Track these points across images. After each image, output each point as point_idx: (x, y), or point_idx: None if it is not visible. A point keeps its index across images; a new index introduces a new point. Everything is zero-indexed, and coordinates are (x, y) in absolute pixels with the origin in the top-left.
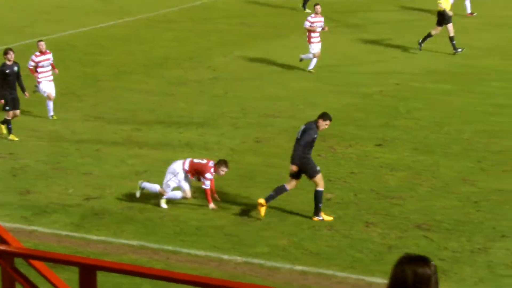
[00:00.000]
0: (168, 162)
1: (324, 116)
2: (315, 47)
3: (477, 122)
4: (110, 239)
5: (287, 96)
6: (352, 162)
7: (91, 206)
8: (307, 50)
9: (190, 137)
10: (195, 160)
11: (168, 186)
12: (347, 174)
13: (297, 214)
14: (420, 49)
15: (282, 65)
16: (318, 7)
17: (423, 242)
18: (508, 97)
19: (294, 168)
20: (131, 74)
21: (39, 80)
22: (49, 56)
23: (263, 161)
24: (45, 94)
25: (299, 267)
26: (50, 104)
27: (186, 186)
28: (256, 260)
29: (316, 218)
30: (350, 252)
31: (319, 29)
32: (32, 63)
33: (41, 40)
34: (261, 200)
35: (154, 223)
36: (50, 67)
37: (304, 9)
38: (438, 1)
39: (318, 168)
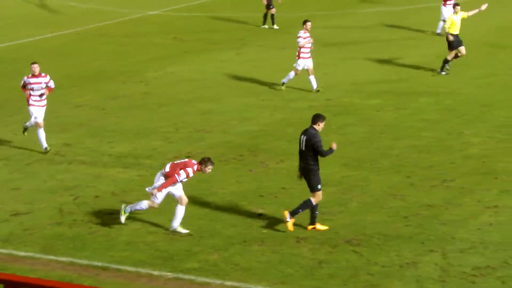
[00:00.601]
0: (98, 177)
1: (319, 118)
2: (302, 62)
3: (407, 137)
4: (38, 255)
5: (219, 111)
6: (283, 177)
7: (19, 222)
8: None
9: (121, 152)
10: (176, 161)
11: (156, 197)
12: (279, 190)
13: (228, 229)
14: (443, 71)
15: (215, 80)
16: (309, 24)
17: (353, 257)
18: (437, 113)
19: (335, 146)
20: (65, 88)
21: (30, 103)
22: (43, 79)
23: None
24: (32, 120)
25: (229, 283)
26: (41, 134)
27: (176, 192)
28: (186, 276)
29: (310, 228)
30: (281, 268)
31: (309, 45)
32: (22, 83)
33: (34, 63)
34: (287, 214)
35: (83, 238)
36: (43, 91)
37: (264, 23)
38: (446, 26)
39: (320, 186)
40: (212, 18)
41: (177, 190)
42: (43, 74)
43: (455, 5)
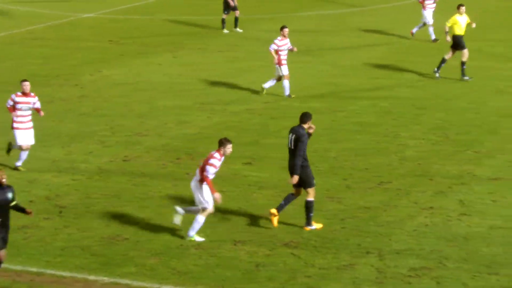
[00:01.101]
0: (33, 181)
1: (307, 116)
2: (285, 69)
3: (344, 140)
4: None
5: (156, 114)
6: (221, 180)
7: None
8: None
9: (56, 156)
10: (200, 163)
11: (206, 201)
12: None
13: (166, 233)
14: (466, 77)
15: (151, 83)
16: (286, 30)
17: (291, 260)
18: (373, 115)
19: (296, 179)
20: None
21: (14, 126)
22: (32, 99)
23: (131, 180)
24: (17, 144)
25: (166, 287)
26: (24, 154)
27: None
28: (123, 280)
29: (307, 228)
30: (218, 271)
31: (285, 52)
32: (11, 102)
33: (25, 80)
34: (273, 210)
35: (18, 244)
36: (30, 112)
37: (236, 26)
38: (447, 24)
39: (314, 181)
40: (148, 21)
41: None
42: (32, 94)
43: (459, 5)
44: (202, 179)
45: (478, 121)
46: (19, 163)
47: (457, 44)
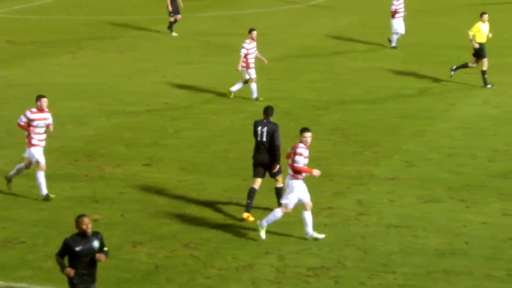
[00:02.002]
0: None
1: (271, 109)
2: (252, 72)
3: (244, 141)
4: None
5: (54, 115)
6: (120, 182)
7: None
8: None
9: None
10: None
11: (287, 198)
12: (115, 195)
13: (63, 235)
14: (489, 85)
15: (50, 84)
16: (254, 33)
17: (190, 261)
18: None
19: (277, 167)
20: None
21: (33, 143)
22: (48, 115)
23: (28, 182)
24: (33, 161)
25: None
26: (42, 178)
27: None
28: (19, 284)
29: (246, 216)
30: (117, 273)
31: (253, 55)
32: (24, 119)
33: (43, 96)
34: (245, 215)
35: None
36: (45, 129)
37: (171, 31)
38: (470, 32)
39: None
40: (47, 21)
41: (305, 195)
42: (46, 109)
43: (482, 13)
44: (296, 171)
45: (376, 122)
46: (45, 191)
47: (478, 52)
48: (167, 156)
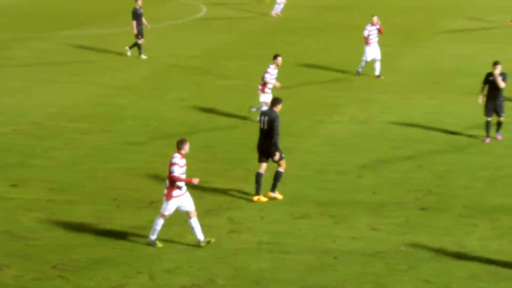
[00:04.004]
0: None
1: (278, 101)
2: (268, 97)
3: (114, 160)
4: None
5: None
6: None
7: None
8: None
9: None
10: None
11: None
12: None
13: None
14: None
15: None
16: (279, 59)
17: (59, 283)
18: (143, 135)
19: (278, 155)
20: None
21: None
22: None
23: None
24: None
25: None
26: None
27: None
28: None
29: (271, 194)
30: None
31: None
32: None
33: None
34: (255, 198)
35: None
36: None
37: (140, 53)
38: None
39: (283, 154)
40: None
41: (189, 204)
42: None
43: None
44: (172, 182)
45: (244, 140)
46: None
47: None
48: (34, 176)
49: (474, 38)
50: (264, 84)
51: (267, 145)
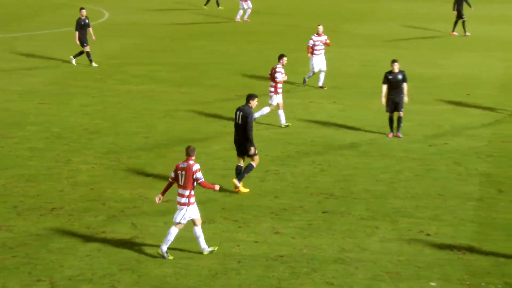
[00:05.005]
0: None
1: (253, 96)
2: (278, 98)
3: (14, 167)
4: None
5: None
6: None
7: None
8: None
9: None
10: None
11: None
12: None
13: None
14: None
15: None
16: (285, 59)
17: None
18: (44, 141)
19: (253, 150)
20: None
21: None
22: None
23: None
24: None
25: None
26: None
27: None
28: None
29: (235, 181)
30: None
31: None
32: None
33: None
34: (235, 181)
35: None
36: None
37: (90, 61)
38: None
39: (257, 150)
40: None
41: (197, 212)
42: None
43: None
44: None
45: (148, 145)
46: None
47: None
48: None
49: (379, 43)
50: (276, 84)
51: (241, 140)
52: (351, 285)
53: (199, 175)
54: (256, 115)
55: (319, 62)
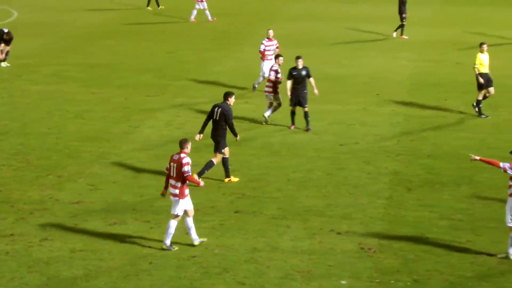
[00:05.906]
0: None
1: (230, 93)
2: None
3: None
4: None
5: None
6: None
7: None
8: None
9: None
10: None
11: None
12: None
13: None
14: (482, 115)
15: None
16: (281, 59)
17: None
18: None
19: (220, 148)
20: None
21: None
22: None
23: None
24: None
25: None
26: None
27: None
28: None
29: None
30: None
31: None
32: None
33: None
34: (227, 179)
35: None
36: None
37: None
38: (476, 66)
39: (223, 149)
40: None
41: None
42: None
43: (481, 44)
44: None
45: (59, 146)
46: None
47: (482, 84)
48: None
49: (293, 43)
50: (274, 84)
51: (216, 135)
52: (263, 284)
53: (186, 168)
54: (266, 115)
55: (268, 66)
